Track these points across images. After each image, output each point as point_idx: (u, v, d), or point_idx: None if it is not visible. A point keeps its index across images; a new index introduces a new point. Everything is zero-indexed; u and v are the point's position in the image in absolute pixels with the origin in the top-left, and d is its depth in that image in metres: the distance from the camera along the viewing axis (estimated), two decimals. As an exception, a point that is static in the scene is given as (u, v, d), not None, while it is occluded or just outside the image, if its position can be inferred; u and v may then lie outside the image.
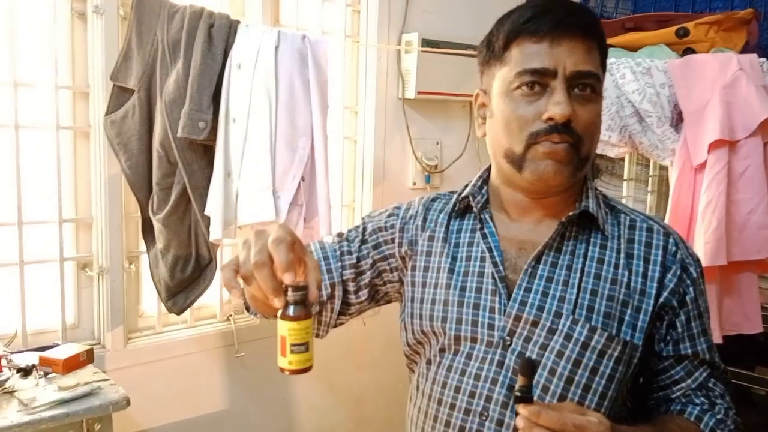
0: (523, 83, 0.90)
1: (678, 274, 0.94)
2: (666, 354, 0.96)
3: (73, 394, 1.38)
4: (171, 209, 1.66)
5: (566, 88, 0.89)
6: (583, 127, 0.90)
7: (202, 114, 1.60)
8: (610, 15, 2.74)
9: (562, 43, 0.89)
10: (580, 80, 0.89)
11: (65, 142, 1.68)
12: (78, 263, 1.74)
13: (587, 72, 0.89)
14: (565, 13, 0.89)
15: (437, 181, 2.40)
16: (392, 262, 1.07)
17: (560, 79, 0.88)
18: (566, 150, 0.89)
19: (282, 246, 0.74)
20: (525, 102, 0.91)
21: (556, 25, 0.88)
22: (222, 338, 1.96)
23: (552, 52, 0.89)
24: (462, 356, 0.96)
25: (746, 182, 1.71)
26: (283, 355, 0.76)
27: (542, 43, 0.89)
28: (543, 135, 0.89)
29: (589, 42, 0.91)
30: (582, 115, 0.90)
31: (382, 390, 2.32)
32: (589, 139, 0.92)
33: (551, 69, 0.89)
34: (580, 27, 0.90)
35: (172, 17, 1.62)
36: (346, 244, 1.07)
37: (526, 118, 0.90)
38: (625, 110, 1.83)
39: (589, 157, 0.93)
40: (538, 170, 0.91)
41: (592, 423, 0.76)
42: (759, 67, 1.77)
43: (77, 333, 1.75)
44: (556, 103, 0.88)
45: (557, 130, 0.88)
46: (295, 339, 0.76)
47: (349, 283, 1.06)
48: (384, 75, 2.21)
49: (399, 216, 1.08)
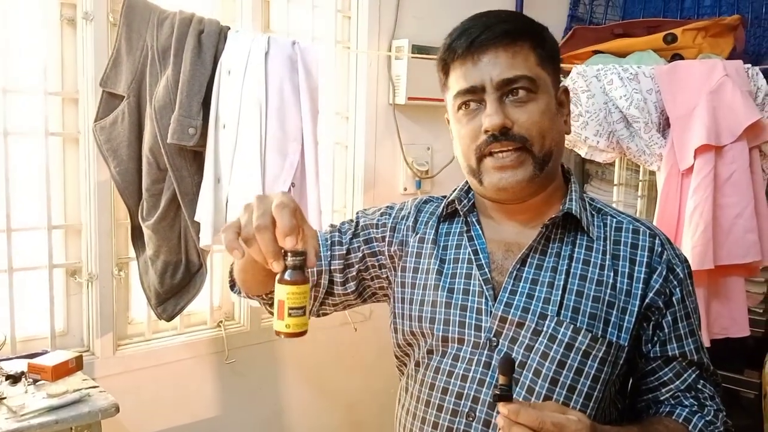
0: (461, 103, 0.96)
1: (664, 275, 0.95)
2: (653, 355, 0.97)
3: (62, 401, 1.38)
4: (161, 215, 1.65)
5: (497, 98, 0.93)
6: (526, 128, 0.93)
7: (192, 120, 1.60)
8: (599, 21, 2.76)
9: (483, 58, 0.94)
10: (509, 87, 0.93)
11: (54, 148, 1.68)
12: (67, 270, 1.73)
13: (514, 77, 0.93)
14: (479, 29, 0.94)
15: (428, 187, 2.41)
16: (381, 259, 1.08)
17: (489, 91, 0.93)
18: (514, 157, 0.93)
19: (286, 210, 0.76)
20: (467, 120, 0.96)
21: (471, 44, 0.94)
22: (212, 345, 1.96)
23: (475, 69, 0.94)
24: (449, 358, 0.97)
25: (732, 187, 1.72)
26: (281, 318, 0.79)
27: (466, 63, 0.95)
28: (485, 146, 0.94)
29: (514, 47, 0.93)
30: (520, 118, 0.93)
31: (374, 395, 2.32)
32: (539, 137, 0.94)
33: (478, 85, 0.94)
34: (496, 38, 0.93)
35: (162, 23, 1.62)
36: (337, 235, 1.10)
37: (470, 135, 0.95)
38: (612, 116, 1.85)
39: (548, 153, 0.95)
40: (493, 182, 0.95)
41: (571, 421, 0.77)
42: (744, 73, 1.79)
43: (66, 340, 1.74)
44: (488, 116, 0.93)
45: (496, 139, 0.93)
46: (294, 302, 0.78)
47: (336, 273, 1.08)
48: (374, 81, 2.22)
49: (391, 215, 1.10)
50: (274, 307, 0.79)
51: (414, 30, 2.27)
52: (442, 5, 2.35)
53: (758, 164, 1.78)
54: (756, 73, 1.82)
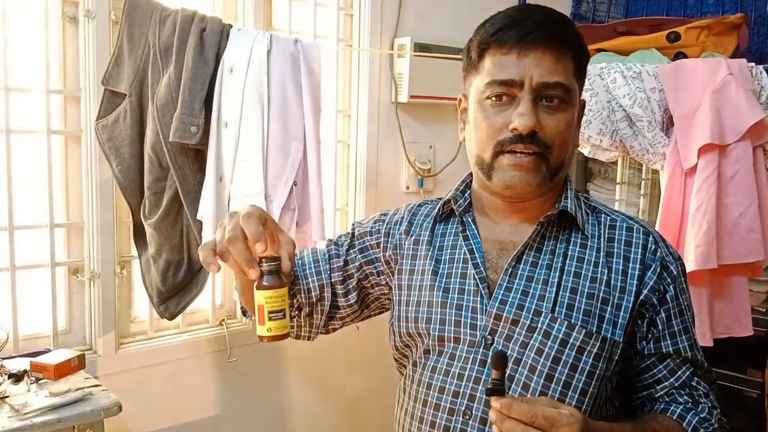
0: (492, 93, 0.93)
1: (658, 272, 0.96)
2: (648, 352, 0.97)
3: (64, 399, 1.38)
4: (163, 214, 1.65)
5: (532, 99, 0.91)
6: (550, 136, 0.92)
7: (194, 118, 1.60)
8: (602, 19, 2.75)
9: (529, 55, 0.91)
10: (546, 91, 0.91)
11: (56, 147, 1.67)
12: (69, 268, 1.73)
13: (554, 83, 0.91)
14: (534, 24, 0.91)
15: (430, 185, 2.40)
16: (378, 265, 1.09)
17: (526, 90, 0.91)
18: (532, 160, 0.92)
19: (251, 219, 0.82)
20: (494, 111, 0.94)
21: (523, 37, 0.91)
22: (214, 343, 1.96)
23: (519, 63, 0.91)
24: (446, 357, 0.98)
25: (736, 186, 1.72)
26: (262, 323, 0.83)
27: (510, 54, 0.92)
28: (508, 144, 0.92)
29: (559, 52, 0.92)
30: (549, 125, 0.92)
31: (376, 393, 2.32)
32: (559, 148, 0.93)
33: (518, 80, 0.91)
34: (548, 38, 0.91)
35: (164, 21, 1.62)
36: (334, 248, 1.11)
37: (494, 127, 0.93)
38: (616, 114, 1.84)
39: (561, 165, 0.95)
40: (504, 180, 0.94)
41: (563, 415, 0.77)
42: (748, 72, 1.78)
43: (69, 338, 1.74)
44: (520, 115, 0.90)
45: (521, 140, 0.91)
46: (272, 306, 0.82)
47: (337, 285, 1.09)
48: (377, 79, 2.22)
49: (385, 221, 1.11)
50: (255, 312, 0.83)
51: (416, 28, 2.26)
52: (444, 3, 2.34)
53: (762, 164, 1.78)
54: (760, 72, 1.81)
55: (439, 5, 2.33)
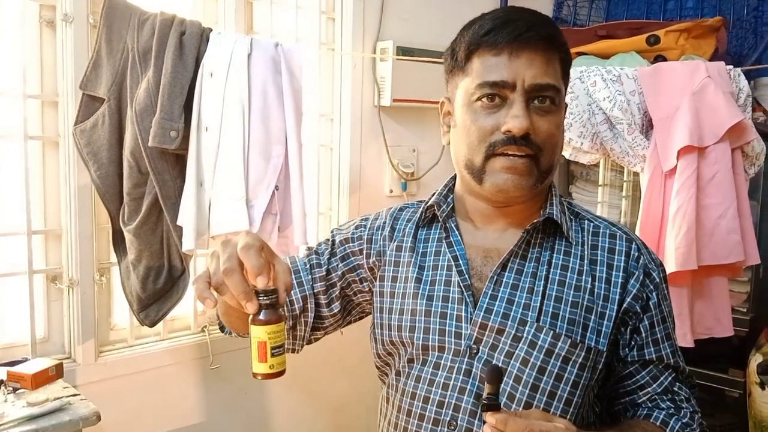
0: (483, 95, 0.91)
1: (641, 279, 0.96)
2: (631, 359, 0.97)
3: (42, 409, 1.36)
4: (142, 220, 1.63)
5: (525, 100, 0.90)
6: (542, 138, 0.91)
7: (174, 123, 1.58)
8: (583, 23, 2.77)
9: (521, 56, 0.90)
10: (538, 93, 0.90)
11: (34, 152, 1.65)
12: (47, 276, 1.70)
13: (546, 85, 0.90)
14: (525, 25, 0.90)
15: (414, 189, 2.40)
16: (361, 272, 1.07)
17: (519, 91, 0.89)
18: (524, 163, 0.91)
19: (252, 251, 0.75)
20: (485, 114, 0.91)
21: (515, 38, 0.89)
22: (196, 350, 1.94)
23: (511, 64, 0.90)
24: (430, 366, 0.97)
25: (715, 187, 1.73)
26: (263, 360, 0.78)
27: (501, 55, 0.90)
28: (500, 146, 0.90)
29: (550, 54, 0.91)
30: (541, 127, 0.91)
31: (361, 397, 2.31)
32: (550, 150, 0.92)
33: (510, 82, 0.90)
34: (539, 39, 0.90)
35: (143, 25, 1.60)
36: (315, 257, 1.08)
37: (485, 129, 0.91)
38: (596, 117, 1.85)
39: (550, 168, 0.94)
40: (497, 183, 0.92)
41: (559, 429, 0.77)
42: (726, 75, 1.80)
43: (47, 347, 1.71)
44: (514, 116, 0.89)
45: (515, 142, 0.90)
46: (275, 341, 0.77)
47: (320, 295, 1.06)
48: (359, 82, 2.21)
49: (366, 227, 1.09)
50: (252, 349, 0.78)
51: (399, 31, 2.27)
52: (426, 7, 2.34)
53: (740, 165, 1.79)
54: (738, 75, 1.83)
55: (421, 9, 2.33)
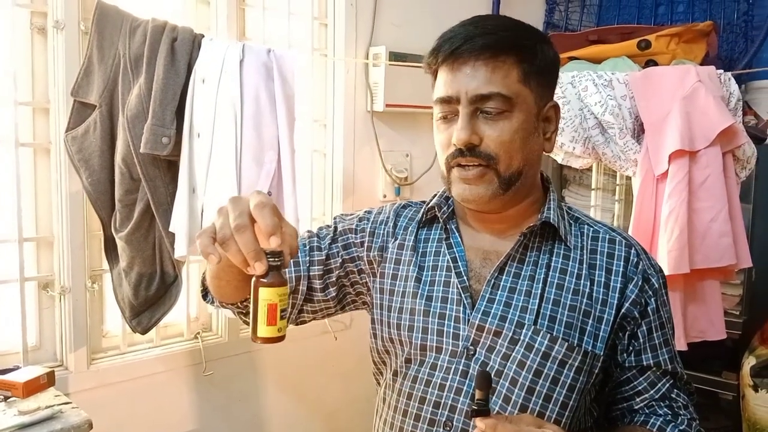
0: (439, 112, 0.95)
1: (639, 285, 0.96)
2: (628, 365, 0.97)
3: (33, 418, 1.35)
4: (134, 226, 1.63)
5: (469, 112, 0.91)
6: (494, 146, 0.91)
7: (166, 129, 1.58)
8: (574, 27, 2.79)
9: (462, 69, 0.91)
10: (483, 103, 0.91)
11: (25, 159, 1.64)
12: (39, 283, 1.69)
13: (488, 94, 0.90)
14: (462, 39, 0.91)
15: (407, 193, 2.40)
16: (360, 264, 1.07)
17: (462, 104, 0.91)
18: (476, 173, 0.92)
19: (266, 209, 0.73)
20: (442, 128, 0.95)
21: (451, 53, 0.91)
22: (189, 357, 1.93)
23: (454, 79, 0.92)
24: (427, 367, 0.97)
25: (707, 191, 1.73)
26: (273, 323, 0.75)
27: (446, 72, 0.93)
28: (452, 159, 0.93)
29: (495, 61, 0.90)
30: (491, 135, 0.91)
31: (355, 403, 2.31)
32: (507, 156, 0.92)
33: (454, 96, 0.92)
34: (476, 50, 0.90)
35: (134, 31, 1.60)
36: (316, 240, 1.08)
37: (443, 143, 0.95)
38: (587, 122, 1.86)
39: (516, 173, 0.93)
40: (458, 192, 0.95)
41: None
42: (717, 79, 1.81)
43: (39, 355, 1.71)
44: (457, 129, 0.91)
45: (462, 154, 0.92)
46: (284, 304, 0.76)
47: (315, 279, 1.06)
48: (352, 88, 2.22)
49: (370, 220, 1.09)
50: (260, 312, 0.75)
51: (391, 37, 2.27)
52: (418, 12, 2.35)
53: (732, 169, 1.80)
54: (728, 79, 1.84)
55: (413, 15, 2.34)
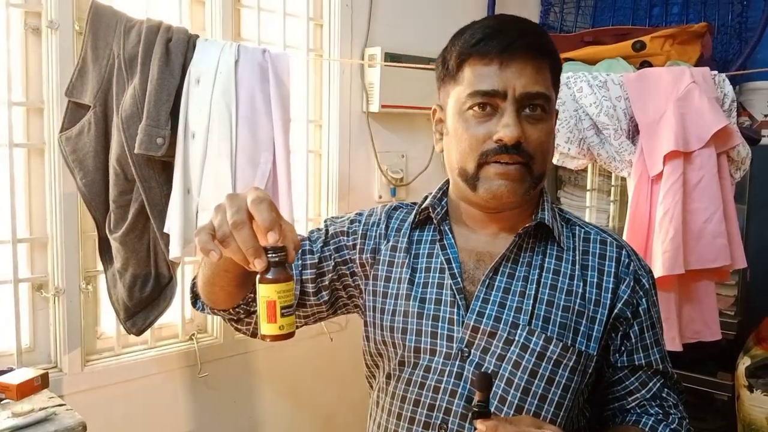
0: (474, 104, 0.92)
1: (631, 286, 0.96)
2: (621, 365, 0.98)
3: (26, 420, 1.34)
4: (129, 227, 1.62)
5: (516, 109, 0.90)
6: (534, 146, 0.91)
7: (160, 130, 1.58)
8: (569, 29, 2.79)
9: (512, 65, 0.90)
10: (529, 101, 0.91)
11: (19, 160, 1.63)
12: (33, 284, 1.69)
13: (536, 93, 0.91)
14: (515, 34, 0.90)
15: (403, 194, 2.40)
16: (352, 267, 1.06)
17: (510, 100, 0.90)
18: (517, 170, 0.91)
19: (263, 205, 0.74)
20: (476, 122, 0.92)
21: (505, 48, 0.90)
22: (184, 358, 1.92)
23: (501, 74, 0.90)
24: (421, 369, 0.96)
25: (701, 192, 1.74)
26: (273, 321, 0.75)
27: (492, 65, 0.91)
28: (493, 155, 0.91)
29: (540, 62, 0.92)
30: (532, 135, 0.91)
31: (352, 405, 2.30)
32: (541, 158, 0.93)
33: (501, 91, 0.90)
34: (529, 48, 0.90)
35: (129, 31, 1.60)
36: (308, 243, 1.06)
37: (477, 138, 0.92)
38: (583, 123, 1.86)
39: (542, 174, 0.95)
40: (491, 189, 0.92)
41: None
42: (711, 80, 1.81)
43: (33, 356, 1.70)
44: (506, 126, 0.89)
45: (507, 151, 0.90)
46: (285, 301, 0.75)
47: (308, 284, 1.04)
48: (348, 89, 2.22)
49: (361, 222, 1.08)
50: (260, 310, 0.76)
51: (387, 38, 2.27)
52: (414, 13, 2.35)
53: (726, 170, 1.81)
54: (723, 80, 1.84)
55: (409, 15, 2.34)
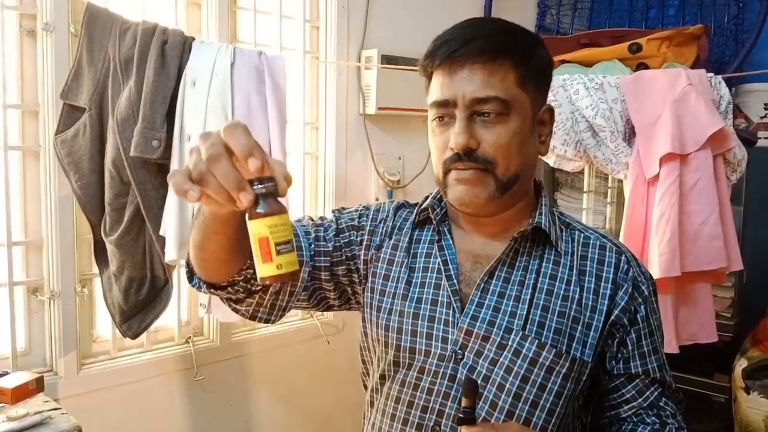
0: (435, 115, 0.94)
1: (629, 292, 0.95)
2: (617, 372, 0.97)
3: (21, 424, 1.33)
4: (124, 230, 1.62)
5: (466, 116, 0.90)
6: (492, 150, 0.90)
7: (156, 132, 1.57)
8: (566, 31, 2.79)
9: (459, 73, 0.90)
10: (480, 106, 0.90)
11: (14, 162, 1.63)
12: (28, 287, 1.68)
13: (485, 97, 0.89)
14: (460, 42, 0.90)
15: (399, 196, 2.40)
16: (357, 262, 1.05)
17: (460, 108, 0.90)
18: (474, 175, 0.91)
19: (238, 130, 0.66)
20: (438, 132, 0.94)
21: (449, 56, 0.90)
22: (180, 361, 1.92)
23: (451, 82, 0.91)
24: (415, 371, 0.96)
25: (697, 194, 1.74)
26: (269, 260, 0.67)
27: (443, 74, 0.92)
28: (450, 163, 0.92)
29: (492, 65, 0.90)
30: (488, 140, 0.90)
31: (349, 408, 2.30)
32: (505, 160, 0.91)
33: (450, 100, 0.91)
34: (474, 54, 0.89)
35: (124, 34, 1.59)
36: (322, 230, 1.03)
37: (439, 147, 0.94)
38: (579, 125, 1.86)
39: (513, 177, 0.92)
40: (455, 196, 0.93)
41: None
42: (707, 82, 1.81)
43: (29, 360, 1.69)
44: (455, 134, 0.90)
45: (460, 158, 0.91)
46: (279, 236, 0.67)
47: (321, 272, 1.01)
48: (344, 91, 2.21)
49: (369, 217, 1.07)
50: (254, 251, 0.68)
51: (383, 40, 2.27)
52: (410, 15, 2.35)
53: (722, 172, 1.80)
54: (719, 82, 1.84)
55: (405, 17, 2.34)
